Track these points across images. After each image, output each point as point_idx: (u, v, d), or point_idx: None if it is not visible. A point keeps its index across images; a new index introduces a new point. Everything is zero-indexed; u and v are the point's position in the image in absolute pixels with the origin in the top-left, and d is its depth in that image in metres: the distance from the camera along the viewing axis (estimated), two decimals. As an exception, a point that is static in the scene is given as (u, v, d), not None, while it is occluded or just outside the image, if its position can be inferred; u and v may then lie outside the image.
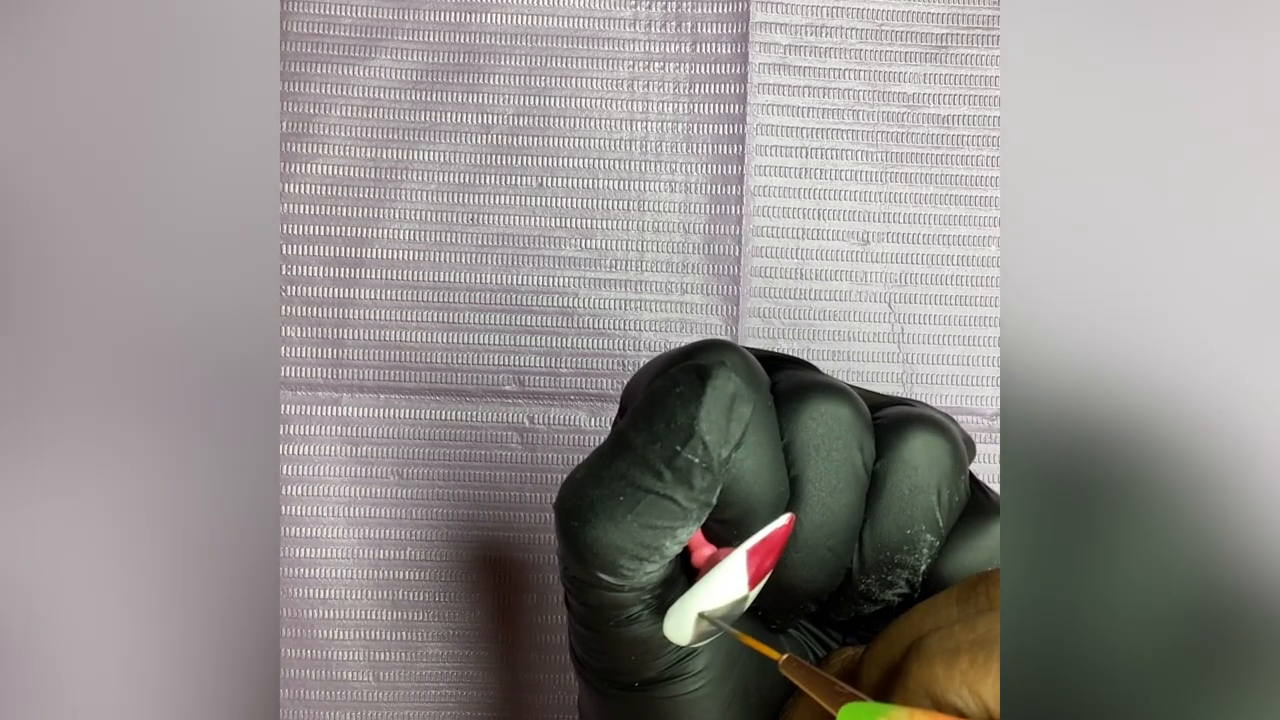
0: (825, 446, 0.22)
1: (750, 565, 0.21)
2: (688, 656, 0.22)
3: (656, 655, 0.22)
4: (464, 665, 0.41)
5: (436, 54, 0.42)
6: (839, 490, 0.22)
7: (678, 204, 0.41)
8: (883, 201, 0.42)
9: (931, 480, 0.23)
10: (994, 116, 0.42)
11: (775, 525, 0.21)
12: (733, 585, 0.21)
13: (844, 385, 0.23)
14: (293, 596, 0.41)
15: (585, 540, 0.21)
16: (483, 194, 0.41)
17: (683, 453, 0.20)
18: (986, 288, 0.42)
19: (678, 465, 0.20)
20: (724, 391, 0.20)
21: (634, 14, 0.42)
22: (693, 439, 0.20)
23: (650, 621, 0.22)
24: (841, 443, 0.22)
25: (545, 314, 0.41)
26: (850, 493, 0.22)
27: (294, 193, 0.41)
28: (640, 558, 0.21)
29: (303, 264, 0.41)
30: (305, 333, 0.41)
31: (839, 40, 0.42)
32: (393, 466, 0.41)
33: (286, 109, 0.41)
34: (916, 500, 0.22)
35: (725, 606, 0.21)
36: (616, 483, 0.20)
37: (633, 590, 0.21)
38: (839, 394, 0.23)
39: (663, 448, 0.20)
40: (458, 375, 0.41)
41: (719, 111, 0.42)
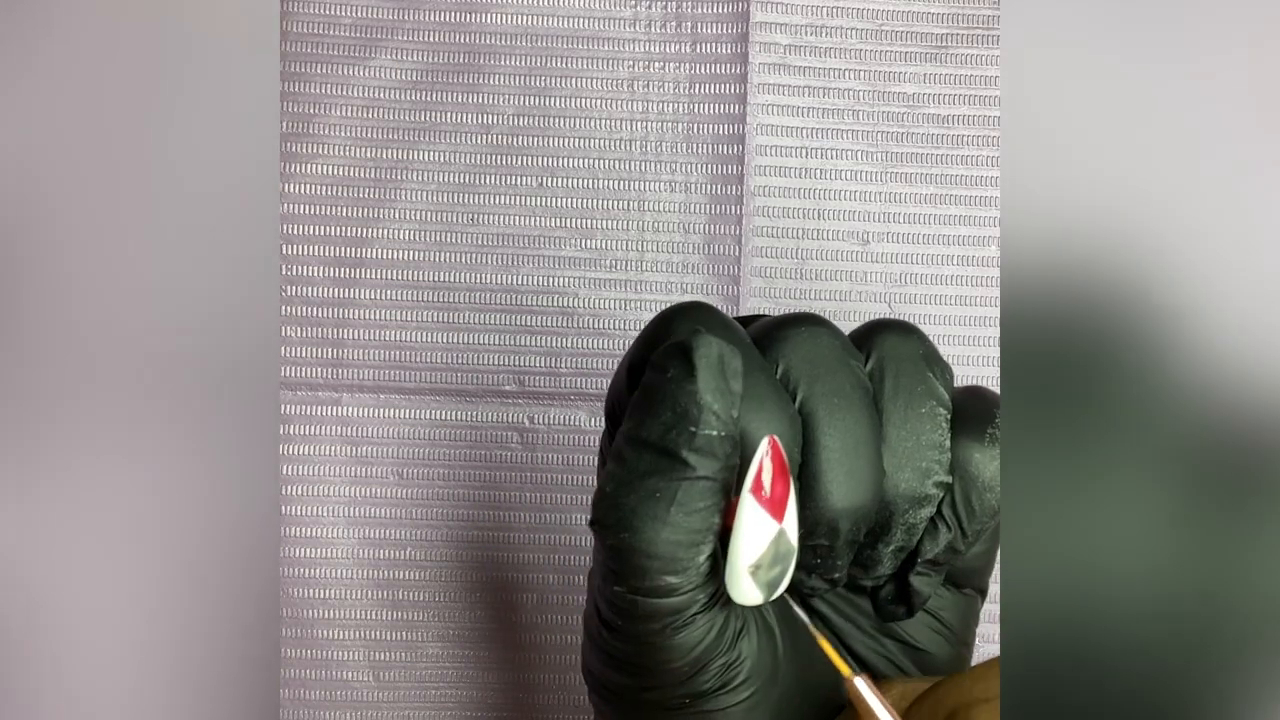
0: (819, 361, 0.22)
1: (761, 499, 0.21)
2: (736, 662, 0.22)
3: (709, 661, 0.22)
4: (464, 665, 0.41)
5: (436, 54, 0.42)
6: (847, 396, 0.22)
7: (678, 204, 0.41)
8: (883, 201, 0.42)
9: (919, 361, 0.23)
10: (994, 116, 0.42)
11: (761, 450, 0.21)
12: (760, 526, 0.21)
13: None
14: (293, 596, 0.41)
15: (639, 547, 0.20)
16: (483, 194, 0.41)
17: (699, 431, 0.20)
18: (986, 288, 0.42)
19: (698, 445, 0.20)
20: (711, 356, 0.21)
21: (634, 14, 0.42)
22: (703, 414, 0.20)
23: (703, 622, 0.21)
24: (832, 354, 0.22)
25: (545, 314, 0.41)
26: (858, 396, 0.22)
27: (294, 193, 0.41)
28: (696, 544, 0.21)
29: (303, 264, 0.41)
30: (305, 333, 0.41)
31: (839, 40, 0.42)
32: (393, 466, 0.41)
33: (286, 109, 0.41)
34: (916, 380, 0.23)
35: (768, 551, 0.21)
36: (648, 481, 0.20)
37: (689, 590, 0.21)
38: (811, 316, 0.23)
39: (678, 434, 0.20)
40: (458, 375, 0.41)
41: (719, 111, 0.42)
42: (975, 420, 0.23)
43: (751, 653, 0.22)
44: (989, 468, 0.23)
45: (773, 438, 0.21)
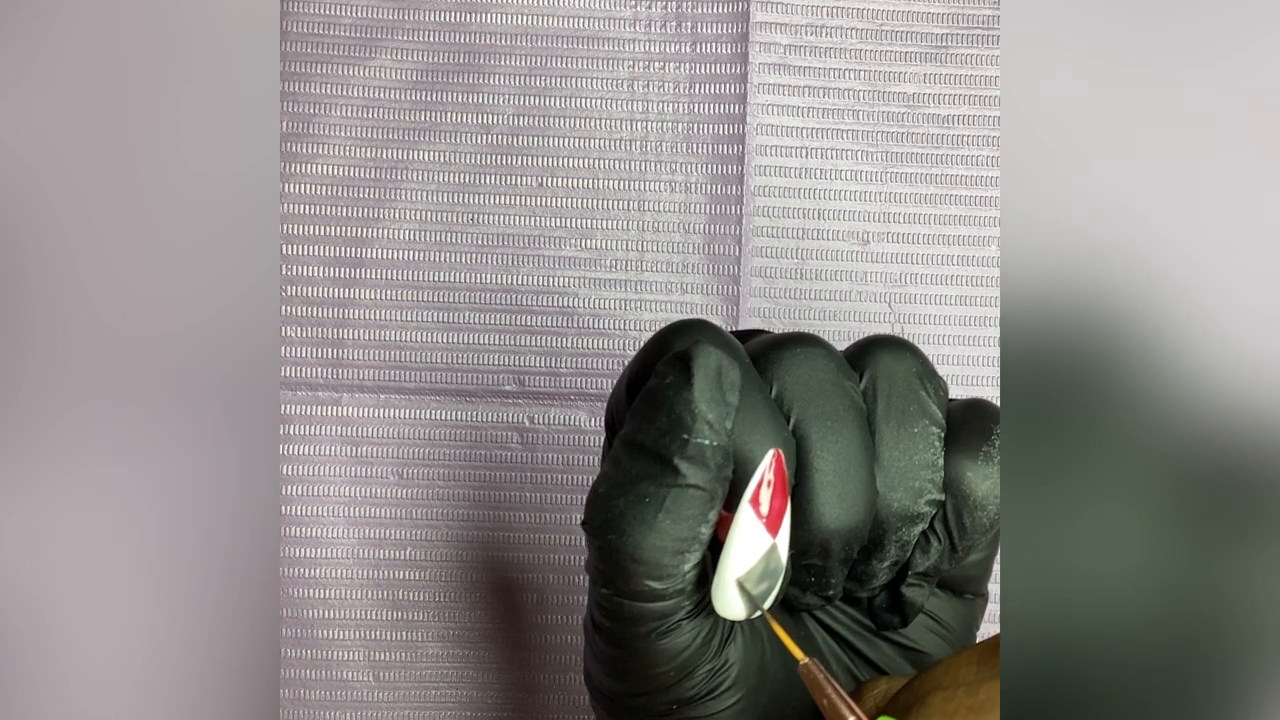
0: (813, 383, 0.22)
1: (759, 512, 0.21)
2: (722, 669, 0.22)
3: (694, 668, 0.22)
4: (464, 665, 0.41)
5: (436, 54, 0.42)
6: (840, 419, 0.22)
7: (678, 204, 0.41)
8: (883, 201, 0.42)
9: (912, 380, 0.23)
10: (994, 116, 0.42)
11: (764, 464, 0.21)
12: (754, 540, 0.21)
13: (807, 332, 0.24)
14: (293, 596, 0.41)
15: (626, 550, 0.21)
16: (483, 194, 0.41)
17: (691, 439, 0.20)
18: (986, 288, 0.42)
19: (690, 453, 0.20)
20: (710, 367, 0.21)
21: (634, 14, 0.42)
22: (696, 422, 0.20)
23: (689, 628, 0.22)
24: (827, 376, 0.23)
25: (545, 314, 0.41)
26: (851, 418, 0.22)
27: (294, 193, 0.41)
28: (681, 551, 0.21)
29: (303, 264, 0.41)
30: (305, 333, 0.41)
31: (839, 40, 0.42)
32: (393, 466, 0.41)
33: (286, 109, 0.41)
34: (909, 400, 0.23)
35: (758, 565, 0.21)
36: (639, 486, 0.21)
37: (674, 595, 0.21)
38: (807, 336, 0.23)
39: (671, 440, 0.20)
40: (458, 375, 0.41)
41: (719, 111, 0.42)
42: (970, 437, 0.23)
43: (738, 659, 0.23)
44: (982, 486, 0.23)
45: (777, 452, 0.21)
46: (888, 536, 0.23)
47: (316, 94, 0.41)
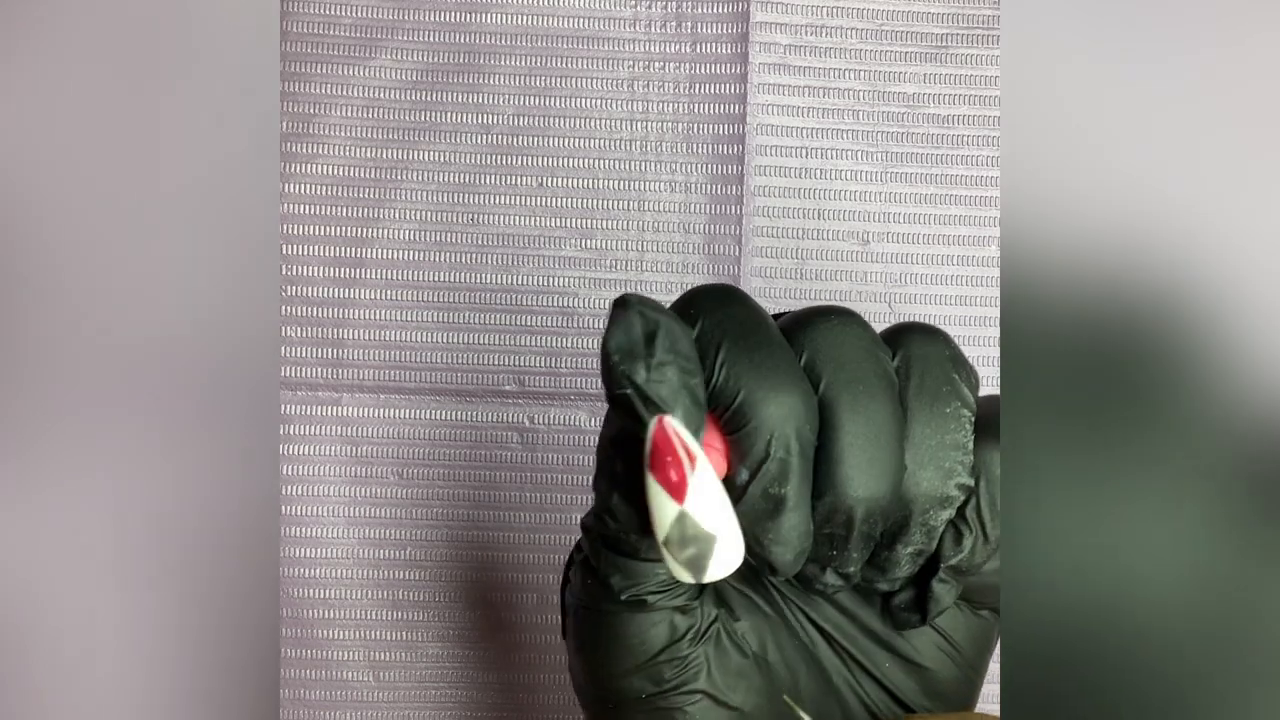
0: (845, 349, 0.22)
1: (659, 478, 0.20)
2: (693, 670, 0.23)
3: (661, 653, 0.23)
4: (464, 665, 0.41)
5: (436, 54, 0.42)
6: (872, 385, 0.22)
7: (678, 204, 0.41)
8: (883, 201, 0.42)
9: (945, 363, 0.23)
10: (994, 116, 0.42)
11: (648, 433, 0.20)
12: (663, 506, 0.21)
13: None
14: (293, 596, 0.41)
15: (598, 497, 0.22)
16: (483, 194, 0.41)
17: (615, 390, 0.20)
18: (986, 288, 0.42)
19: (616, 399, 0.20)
20: (624, 321, 0.21)
21: (634, 14, 0.42)
22: (612, 373, 0.20)
23: (662, 618, 0.23)
24: (859, 344, 0.22)
25: (545, 314, 0.41)
26: (882, 386, 0.22)
27: (294, 193, 0.41)
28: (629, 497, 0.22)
29: (303, 264, 0.41)
30: (305, 333, 0.41)
31: (839, 40, 0.42)
32: (393, 466, 0.41)
33: (286, 109, 0.41)
34: (941, 381, 0.23)
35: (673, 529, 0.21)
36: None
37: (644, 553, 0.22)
38: (841, 309, 0.23)
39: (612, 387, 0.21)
40: (458, 375, 0.41)
41: (719, 111, 0.42)
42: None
43: (709, 660, 0.24)
44: None
45: (660, 418, 0.20)
46: (913, 519, 0.22)
47: (316, 94, 0.41)
